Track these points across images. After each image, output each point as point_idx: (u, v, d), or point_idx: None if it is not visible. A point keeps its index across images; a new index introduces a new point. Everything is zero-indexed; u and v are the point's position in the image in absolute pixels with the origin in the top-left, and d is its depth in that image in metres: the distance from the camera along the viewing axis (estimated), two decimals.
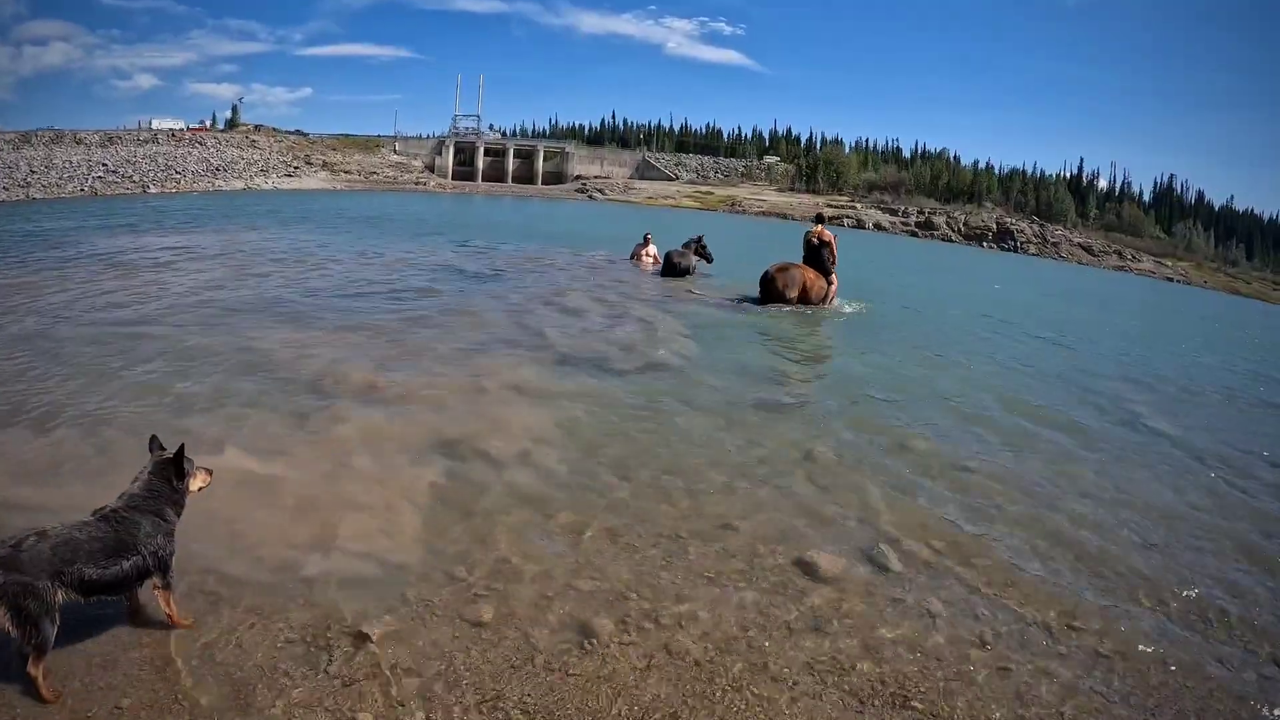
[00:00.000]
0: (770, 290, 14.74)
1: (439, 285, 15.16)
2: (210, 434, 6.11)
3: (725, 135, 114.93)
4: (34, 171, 59.54)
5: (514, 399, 7.75)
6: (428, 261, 19.08)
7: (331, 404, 7.18)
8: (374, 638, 3.71)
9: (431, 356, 9.19)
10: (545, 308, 13.09)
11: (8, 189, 54.69)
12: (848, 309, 15.52)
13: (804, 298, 14.75)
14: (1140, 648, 4.26)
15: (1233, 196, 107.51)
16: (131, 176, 63.88)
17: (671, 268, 17.98)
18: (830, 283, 15.24)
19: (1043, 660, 4.06)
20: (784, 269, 14.92)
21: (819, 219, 16.27)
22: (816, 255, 15.32)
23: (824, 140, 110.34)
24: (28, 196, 53.35)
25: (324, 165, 79.22)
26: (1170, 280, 69.43)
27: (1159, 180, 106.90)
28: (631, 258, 20.63)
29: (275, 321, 10.62)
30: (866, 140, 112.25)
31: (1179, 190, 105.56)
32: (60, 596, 3.20)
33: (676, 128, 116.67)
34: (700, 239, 19.16)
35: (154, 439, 3.85)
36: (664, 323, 12.25)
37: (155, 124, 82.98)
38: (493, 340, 10.27)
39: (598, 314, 12.73)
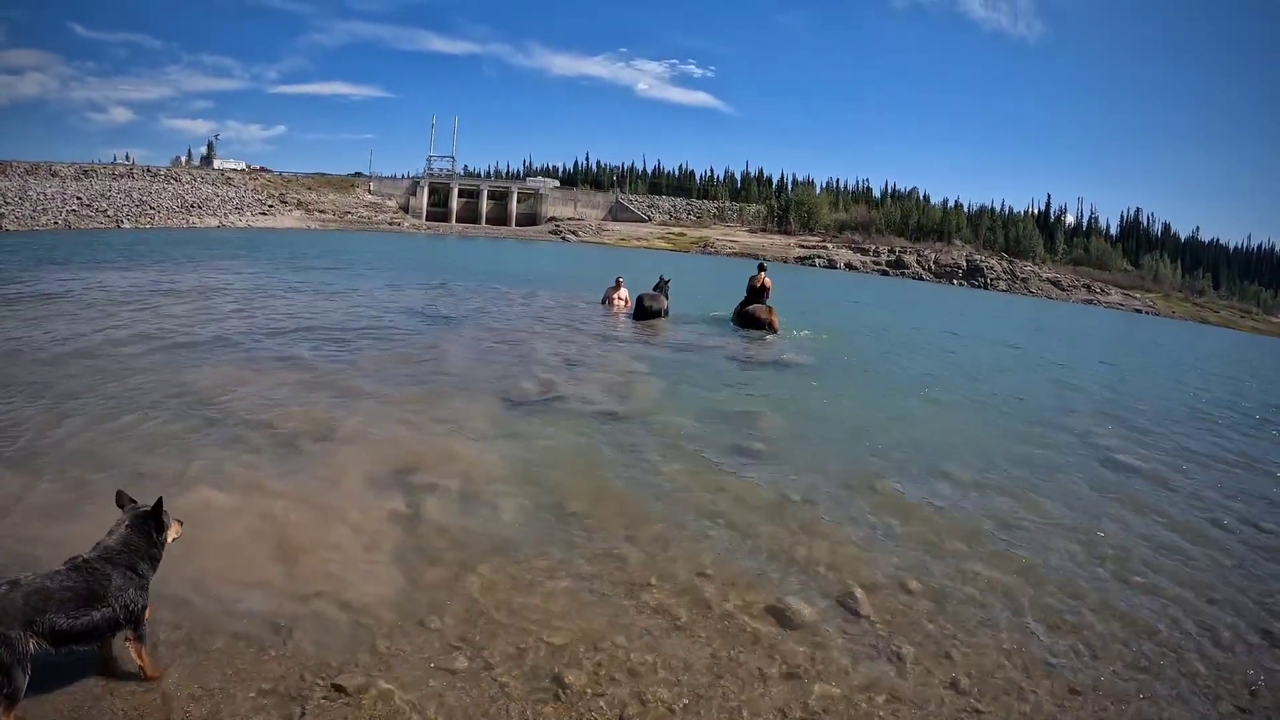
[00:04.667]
0: (758, 324, 17.79)
1: (406, 326, 15.19)
2: (169, 473, 6.12)
3: (698, 177, 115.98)
4: (8, 203, 59.07)
5: (479, 442, 7.73)
6: (396, 302, 19.07)
7: (293, 445, 7.17)
8: (348, 689, 3.70)
9: (394, 398, 9.18)
10: (513, 350, 13.11)
11: None
12: (798, 333, 18.05)
13: (773, 326, 17.83)
14: (1111, 686, 4.33)
15: (1198, 228, 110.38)
16: (105, 211, 63.53)
17: (643, 311, 18.00)
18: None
19: (1014, 702, 4.12)
20: (769, 310, 18.13)
21: (761, 267, 19.65)
22: (759, 296, 18.58)
23: (795, 181, 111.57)
24: (1, 228, 52.91)
25: (298, 204, 79.10)
26: (1139, 311, 70.48)
27: (1125, 214, 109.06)
28: (603, 300, 20.61)
29: (234, 360, 10.60)
30: (837, 180, 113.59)
31: (1145, 223, 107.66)
32: (32, 646, 3.18)
33: (649, 169, 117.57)
34: (666, 280, 19.57)
35: (120, 494, 3.84)
36: (633, 366, 12.34)
37: (218, 164, 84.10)
38: (458, 382, 10.26)
39: (566, 357, 12.74)
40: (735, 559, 5.51)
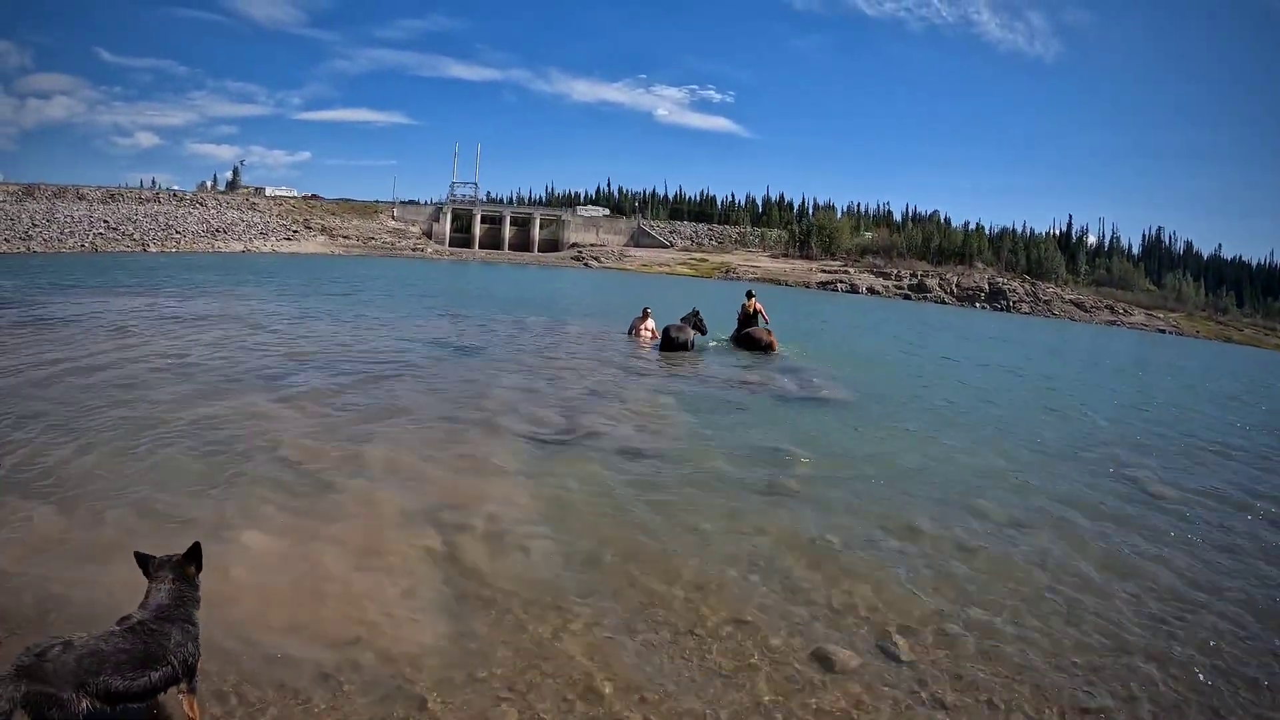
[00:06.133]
0: (759, 346, 19.16)
1: (432, 357, 15.28)
2: (203, 514, 6.18)
3: (719, 202, 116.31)
4: (35, 225, 60.11)
5: (510, 480, 7.73)
6: (421, 332, 19.27)
7: (324, 482, 7.23)
8: None
9: (422, 433, 9.22)
10: (541, 384, 13.13)
11: (9, 241, 55.22)
12: (824, 365, 18.16)
13: (774, 348, 19.25)
14: None
15: (1220, 245, 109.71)
16: (132, 234, 64.61)
17: (670, 343, 18.00)
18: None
19: None
20: (768, 332, 19.56)
21: (749, 294, 21.07)
22: (753, 320, 19.99)
23: (816, 205, 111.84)
24: (29, 249, 53.74)
25: (323, 229, 79.94)
26: (1162, 332, 69.92)
27: (1147, 233, 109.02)
28: (630, 332, 20.66)
29: (260, 392, 10.74)
30: (858, 205, 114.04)
31: (1167, 242, 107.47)
32: (85, 706, 3.18)
33: (671, 195, 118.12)
34: (696, 312, 19.69)
35: (138, 554, 3.83)
36: (661, 400, 12.32)
37: (270, 191, 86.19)
38: (486, 417, 10.25)
39: (594, 391, 12.76)
40: (776, 603, 5.48)
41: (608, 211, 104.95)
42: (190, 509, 6.26)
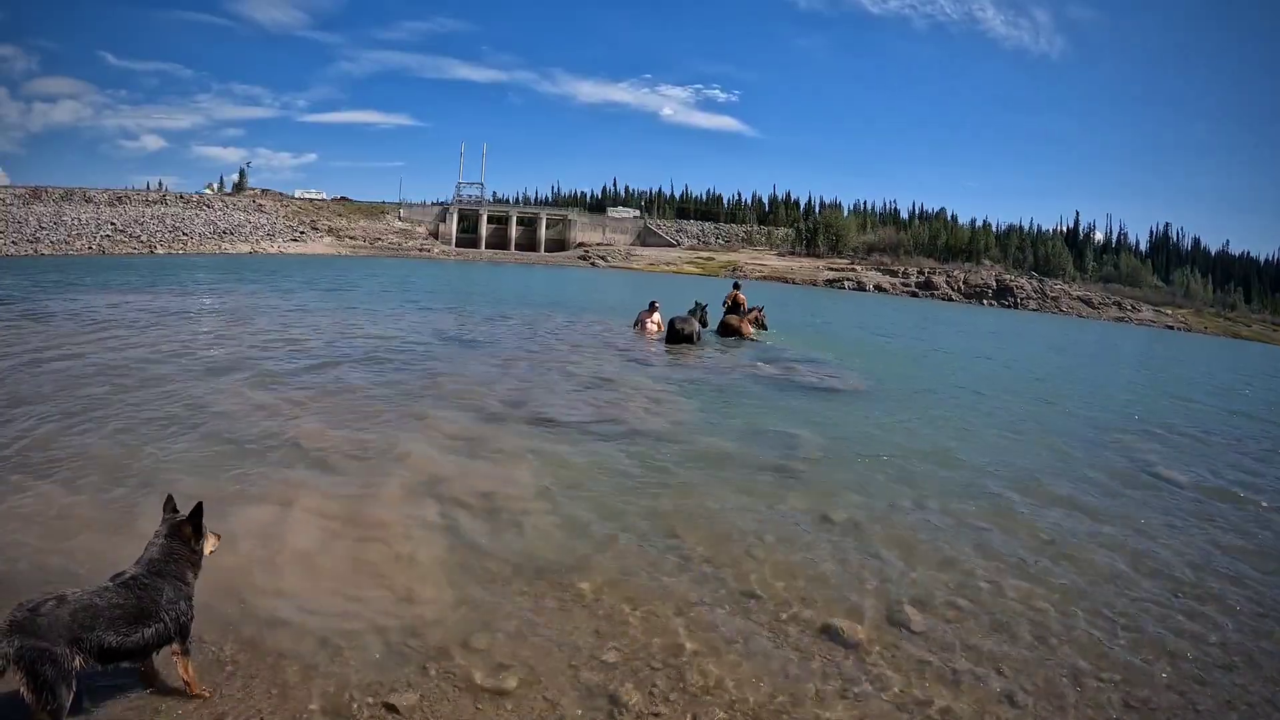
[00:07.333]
0: (731, 332, 20.13)
1: (438, 349, 15.31)
2: (210, 492, 6.05)
3: (725, 201, 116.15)
4: (43, 227, 60.31)
5: (514, 461, 7.71)
6: (429, 326, 19.31)
7: (328, 464, 7.23)
8: (400, 708, 3.63)
9: (427, 419, 9.18)
10: (547, 373, 13.13)
11: (17, 244, 55.41)
12: (827, 357, 18.00)
13: (744, 334, 20.30)
14: (1163, 700, 4.23)
15: (1228, 241, 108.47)
16: (139, 236, 64.79)
17: (675, 334, 18.01)
18: (749, 324, 21.01)
19: (1071, 716, 4.03)
20: (740, 320, 20.64)
21: (735, 285, 23.22)
22: (735, 310, 21.39)
23: (822, 204, 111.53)
24: (36, 252, 53.93)
25: (329, 230, 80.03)
26: (1171, 328, 69.62)
27: (1155, 229, 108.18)
28: (635, 325, 20.73)
29: (266, 381, 10.74)
30: (864, 203, 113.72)
31: (1175, 238, 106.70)
32: (78, 663, 3.13)
33: (677, 194, 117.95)
34: (703, 305, 20.18)
35: (170, 499, 3.80)
36: (665, 387, 12.30)
37: (299, 193, 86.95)
38: (492, 404, 10.24)
39: (598, 379, 12.73)
40: (785, 576, 5.41)
41: (637, 213, 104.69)
42: (192, 486, 6.18)
